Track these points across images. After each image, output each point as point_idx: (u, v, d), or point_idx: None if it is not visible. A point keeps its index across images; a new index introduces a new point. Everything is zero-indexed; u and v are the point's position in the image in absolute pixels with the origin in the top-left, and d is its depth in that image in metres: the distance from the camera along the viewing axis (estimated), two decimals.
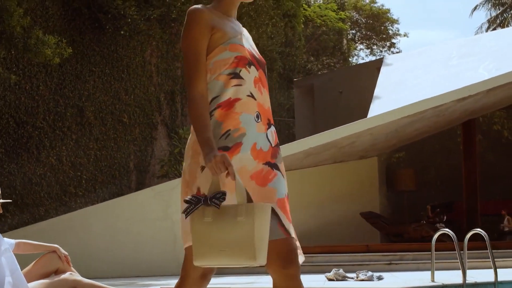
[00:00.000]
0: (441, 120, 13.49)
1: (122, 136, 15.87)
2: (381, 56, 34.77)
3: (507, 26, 34.80)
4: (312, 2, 32.41)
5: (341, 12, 29.93)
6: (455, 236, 6.95)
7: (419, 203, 15.45)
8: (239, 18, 10.34)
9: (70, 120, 14.44)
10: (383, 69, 17.63)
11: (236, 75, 2.53)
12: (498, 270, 6.89)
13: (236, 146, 2.51)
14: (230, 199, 2.46)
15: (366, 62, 23.85)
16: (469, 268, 7.15)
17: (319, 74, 23.60)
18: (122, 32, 14.98)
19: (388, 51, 34.85)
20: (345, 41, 31.95)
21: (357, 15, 34.10)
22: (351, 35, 34.92)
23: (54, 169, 14.03)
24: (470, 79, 13.55)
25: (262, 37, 23.25)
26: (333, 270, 8.42)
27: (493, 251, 7.13)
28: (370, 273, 8.21)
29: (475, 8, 36.90)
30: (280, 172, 2.61)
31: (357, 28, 34.75)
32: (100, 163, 15.17)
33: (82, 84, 14.78)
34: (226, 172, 2.38)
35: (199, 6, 2.62)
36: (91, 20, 14.89)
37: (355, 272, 8.35)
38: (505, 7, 36.63)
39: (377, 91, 16.51)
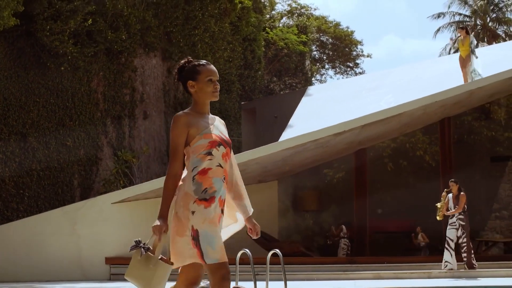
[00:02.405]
0: (329, 150, 15.48)
1: (65, 157, 17.97)
2: (346, 77, 36.88)
3: None
4: (279, 24, 34.40)
5: (302, 35, 31.86)
6: (251, 256, 9.04)
7: (321, 222, 17.46)
8: (194, 46, 12.95)
9: (13, 145, 16.57)
10: (303, 99, 19.66)
11: (209, 153, 4.01)
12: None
13: (212, 198, 3.98)
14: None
15: (296, 91, 25.61)
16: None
17: (261, 99, 25.54)
18: (62, 68, 17.15)
19: (351, 72, 37.01)
20: (307, 62, 33.86)
21: (323, 37, 36.13)
22: (317, 55, 36.97)
23: None
24: (368, 112, 15.27)
25: (219, 61, 24.72)
26: None
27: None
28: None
29: (438, 30, 38.92)
30: (223, 214, 4.11)
31: (322, 50, 36.80)
32: (43, 182, 17.28)
33: (26, 113, 16.89)
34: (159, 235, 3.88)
35: (181, 112, 4.08)
36: (35, 57, 17.04)
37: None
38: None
39: (292, 120, 18.56)
